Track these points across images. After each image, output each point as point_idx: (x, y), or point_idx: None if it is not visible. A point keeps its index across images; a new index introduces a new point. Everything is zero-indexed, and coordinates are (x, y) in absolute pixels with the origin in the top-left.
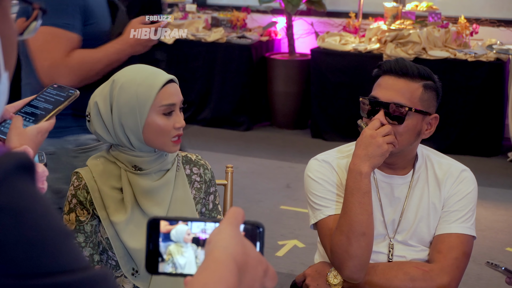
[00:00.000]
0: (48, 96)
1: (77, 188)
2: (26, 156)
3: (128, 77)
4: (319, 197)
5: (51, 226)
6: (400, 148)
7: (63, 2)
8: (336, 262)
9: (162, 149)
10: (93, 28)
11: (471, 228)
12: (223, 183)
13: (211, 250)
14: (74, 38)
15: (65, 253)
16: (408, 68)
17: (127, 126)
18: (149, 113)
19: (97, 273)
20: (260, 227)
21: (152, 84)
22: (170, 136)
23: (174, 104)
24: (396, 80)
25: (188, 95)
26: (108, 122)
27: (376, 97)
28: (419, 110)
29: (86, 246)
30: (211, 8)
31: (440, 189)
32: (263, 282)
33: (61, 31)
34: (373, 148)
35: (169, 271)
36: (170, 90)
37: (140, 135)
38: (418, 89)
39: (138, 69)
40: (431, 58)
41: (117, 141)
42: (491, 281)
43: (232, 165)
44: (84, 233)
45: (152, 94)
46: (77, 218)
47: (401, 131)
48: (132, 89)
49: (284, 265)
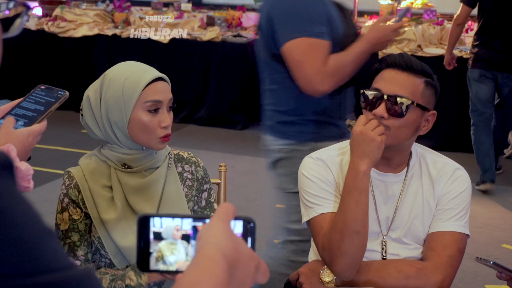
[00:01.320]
0: (37, 98)
1: (68, 187)
2: (4, 155)
3: (118, 71)
4: (312, 195)
5: (32, 225)
6: (398, 142)
7: (312, 12)
8: (327, 259)
9: (148, 146)
10: (334, 32)
11: (464, 226)
12: (217, 182)
13: (202, 247)
14: (327, 45)
15: (46, 253)
16: (413, 62)
17: (113, 120)
18: (134, 109)
19: (79, 272)
20: (251, 222)
21: (139, 79)
22: (156, 134)
23: (160, 102)
24: (400, 73)
25: (184, 95)
26: (98, 116)
27: (379, 89)
28: (421, 105)
29: (81, 245)
30: (207, 7)
31: (434, 187)
32: (255, 277)
33: (317, 41)
34: (366, 144)
35: (160, 268)
36: (157, 88)
37: (125, 130)
38: (421, 84)
39: (130, 64)
40: (427, 55)
41: (105, 136)
42: (488, 278)
43: (228, 164)
44: (79, 231)
45: (138, 89)
46: (70, 217)
47: (401, 124)
48: (119, 83)
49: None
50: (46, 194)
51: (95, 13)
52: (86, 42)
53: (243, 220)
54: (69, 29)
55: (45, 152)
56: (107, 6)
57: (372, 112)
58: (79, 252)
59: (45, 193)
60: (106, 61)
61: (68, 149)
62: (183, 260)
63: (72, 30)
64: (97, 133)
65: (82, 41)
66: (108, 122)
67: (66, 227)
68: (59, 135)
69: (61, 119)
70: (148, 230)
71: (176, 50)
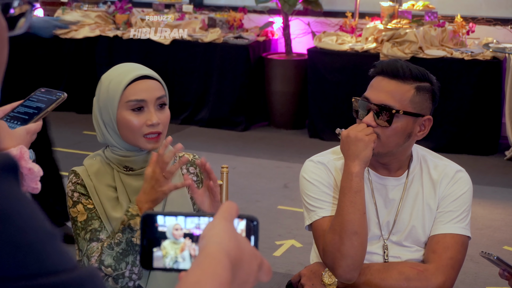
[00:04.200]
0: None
1: (75, 183)
2: (10, 157)
3: (108, 73)
4: (313, 198)
5: (36, 227)
6: (388, 149)
7: None
8: (329, 262)
9: (136, 145)
10: None
11: (466, 229)
12: (219, 183)
13: (205, 245)
14: None
15: (51, 255)
16: (399, 70)
17: (106, 121)
18: (118, 109)
19: (84, 273)
20: (254, 221)
21: (121, 80)
22: (141, 132)
23: (143, 100)
24: (387, 81)
25: (186, 96)
26: (95, 119)
27: (367, 98)
28: (408, 112)
29: (102, 229)
30: (208, 8)
31: (435, 190)
32: (257, 276)
33: None
34: (354, 145)
35: (163, 267)
36: (140, 87)
37: (116, 130)
38: (410, 91)
39: (120, 66)
40: (428, 57)
41: (104, 139)
42: (489, 280)
43: (230, 165)
44: (98, 218)
45: (119, 89)
46: (86, 207)
47: (389, 133)
48: (105, 85)
49: (282, 264)
50: None
51: (97, 14)
52: (88, 43)
53: (246, 219)
54: (70, 30)
55: None
56: (108, 7)
57: (362, 120)
58: (101, 235)
59: None
60: (107, 63)
61: (69, 150)
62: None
63: (74, 32)
64: (98, 136)
65: (83, 42)
66: (103, 124)
67: (84, 217)
68: (61, 136)
69: (62, 120)
70: (152, 228)
71: (177, 52)
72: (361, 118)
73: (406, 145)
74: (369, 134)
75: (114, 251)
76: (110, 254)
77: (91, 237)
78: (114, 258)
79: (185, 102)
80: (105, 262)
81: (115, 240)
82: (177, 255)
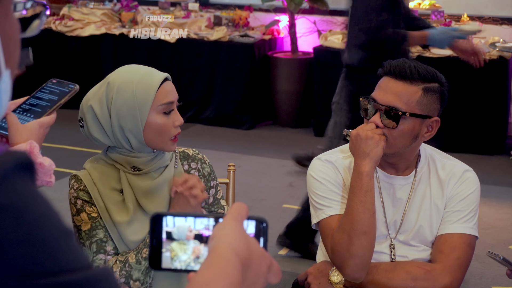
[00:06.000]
0: (48, 91)
1: (77, 190)
2: (26, 155)
3: (124, 78)
4: (321, 196)
5: (51, 225)
6: (395, 150)
7: None
8: (337, 261)
9: (162, 148)
10: None
11: (473, 228)
12: (225, 181)
13: (215, 246)
14: None
15: (66, 253)
16: (407, 71)
17: (127, 128)
18: (149, 113)
19: (98, 272)
20: (264, 222)
21: (150, 83)
22: (170, 135)
23: (172, 102)
24: (395, 82)
25: (191, 94)
26: (107, 126)
27: (374, 99)
28: (415, 114)
29: (108, 240)
30: (214, 6)
31: (443, 189)
32: (267, 277)
33: None
34: (364, 143)
35: (172, 267)
36: (167, 89)
37: (141, 136)
38: (417, 92)
39: (133, 69)
40: (434, 56)
41: (115, 144)
42: (495, 280)
43: (235, 163)
44: (102, 227)
45: (151, 93)
46: (89, 216)
47: (395, 134)
48: (130, 90)
49: (287, 263)
50: (53, 193)
51: (102, 12)
52: (93, 41)
53: (255, 220)
54: (76, 28)
55: (51, 151)
56: (114, 5)
57: (369, 121)
58: (107, 247)
59: (52, 192)
60: (112, 60)
61: (74, 148)
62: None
63: (79, 29)
64: (106, 141)
65: (89, 40)
66: (121, 130)
67: (88, 226)
68: (65, 133)
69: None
70: (161, 228)
71: (183, 50)
72: (369, 117)
73: (413, 146)
74: (379, 133)
75: (142, 265)
76: (139, 268)
77: (98, 248)
78: (142, 272)
79: (190, 101)
80: (133, 276)
81: (143, 255)
82: (186, 255)
